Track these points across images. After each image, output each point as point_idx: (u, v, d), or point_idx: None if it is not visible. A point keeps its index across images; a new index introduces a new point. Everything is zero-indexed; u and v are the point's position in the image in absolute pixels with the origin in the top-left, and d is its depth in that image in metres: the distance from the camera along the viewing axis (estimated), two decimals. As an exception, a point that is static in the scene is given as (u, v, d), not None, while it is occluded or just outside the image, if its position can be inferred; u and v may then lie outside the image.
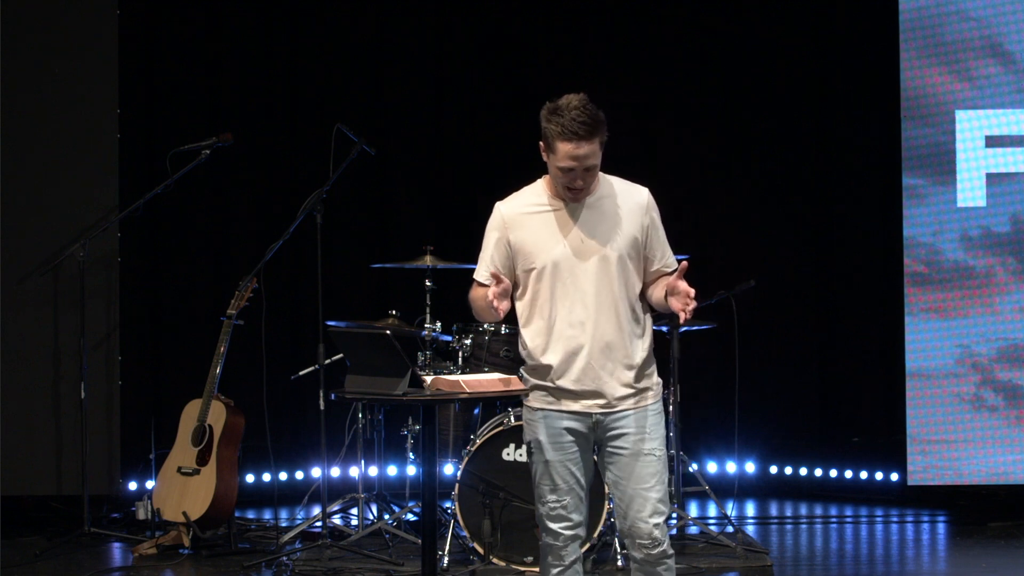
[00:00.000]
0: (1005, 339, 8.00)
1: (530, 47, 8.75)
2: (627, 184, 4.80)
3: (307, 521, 7.48)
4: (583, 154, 4.59)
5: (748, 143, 8.75)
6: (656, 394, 4.78)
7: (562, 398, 4.73)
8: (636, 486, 4.69)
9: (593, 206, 4.72)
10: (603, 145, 4.63)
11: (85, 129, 8.20)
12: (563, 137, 4.57)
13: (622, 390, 4.70)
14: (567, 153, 4.59)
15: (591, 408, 4.71)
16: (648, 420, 4.72)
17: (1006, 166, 8.02)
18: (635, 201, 4.74)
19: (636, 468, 4.69)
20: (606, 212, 4.71)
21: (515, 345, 7.11)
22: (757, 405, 8.20)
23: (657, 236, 4.76)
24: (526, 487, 6.57)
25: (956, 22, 8.03)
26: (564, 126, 4.56)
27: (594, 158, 4.61)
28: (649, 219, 4.75)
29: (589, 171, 4.63)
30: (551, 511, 4.77)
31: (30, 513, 8.10)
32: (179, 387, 8.04)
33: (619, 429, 4.71)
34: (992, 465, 8.00)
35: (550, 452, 4.75)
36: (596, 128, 4.58)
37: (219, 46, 8.68)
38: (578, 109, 4.57)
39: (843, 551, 7.62)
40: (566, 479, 4.74)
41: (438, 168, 8.79)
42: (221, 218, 8.68)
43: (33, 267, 8.01)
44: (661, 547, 4.69)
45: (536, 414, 4.79)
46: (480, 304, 4.80)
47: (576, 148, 4.58)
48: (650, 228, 4.74)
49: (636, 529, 4.70)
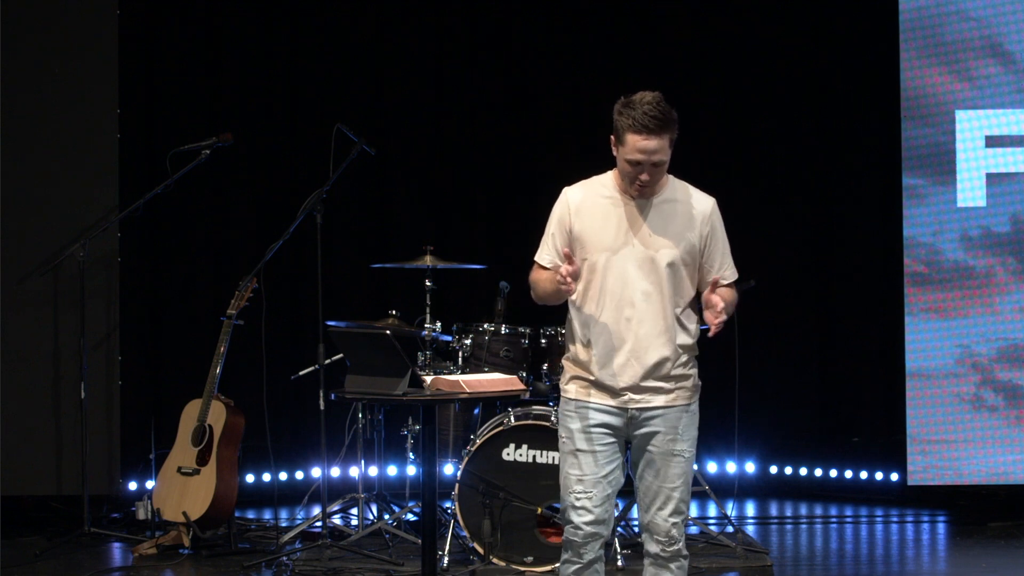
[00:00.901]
0: (1005, 339, 8.00)
1: (530, 47, 8.75)
2: (695, 191, 4.84)
3: (307, 521, 7.48)
4: (652, 148, 4.62)
5: (748, 143, 8.75)
6: (691, 396, 4.84)
7: (599, 391, 4.78)
8: (661, 484, 4.77)
9: (658, 207, 4.76)
10: (672, 144, 4.67)
11: (85, 129, 8.20)
12: (633, 129, 4.61)
13: (658, 389, 4.76)
14: (636, 146, 4.62)
15: (627, 404, 4.76)
16: (680, 420, 4.80)
17: (1006, 166, 8.02)
18: (700, 208, 4.79)
19: (663, 467, 4.77)
20: (670, 215, 4.76)
21: (515, 345, 7.14)
22: (757, 405, 8.20)
23: (716, 246, 4.82)
24: (526, 487, 6.60)
25: (956, 22, 8.03)
26: (635, 119, 4.60)
27: (662, 154, 4.64)
28: (710, 228, 4.80)
29: (656, 167, 4.66)
30: (575, 501, 4.80)
31: (30, 513, 8.10)
32: (179, 387, 8.03)
33: (651, 427, 4.77)
34: (992, 465, 8.00)
35: (581, 442, 4.80)
36: (666, 124, 4.62)
37: (219, 46, 8.68)
38: (651, 104, 4.61)
39: (843, 551, 7.62)
40: (594, 472, 4.78)
41: (438, 168, 8.78)
42: (221, 218, 8.68)
43: (33, 267, 8.01)
44: (676, 546, 4.78)
45: (571, 404, 4.84)
46: (546, 286, 4.81)
47: (645, 141, 4.61)
48: (710, 237, 4.80)
49: (655, 525, 4.79)
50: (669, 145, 4.66)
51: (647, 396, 4.76)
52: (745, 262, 8.66)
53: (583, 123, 8.47)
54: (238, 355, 7.70)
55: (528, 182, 8.61)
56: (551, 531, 6.58)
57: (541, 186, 8.63)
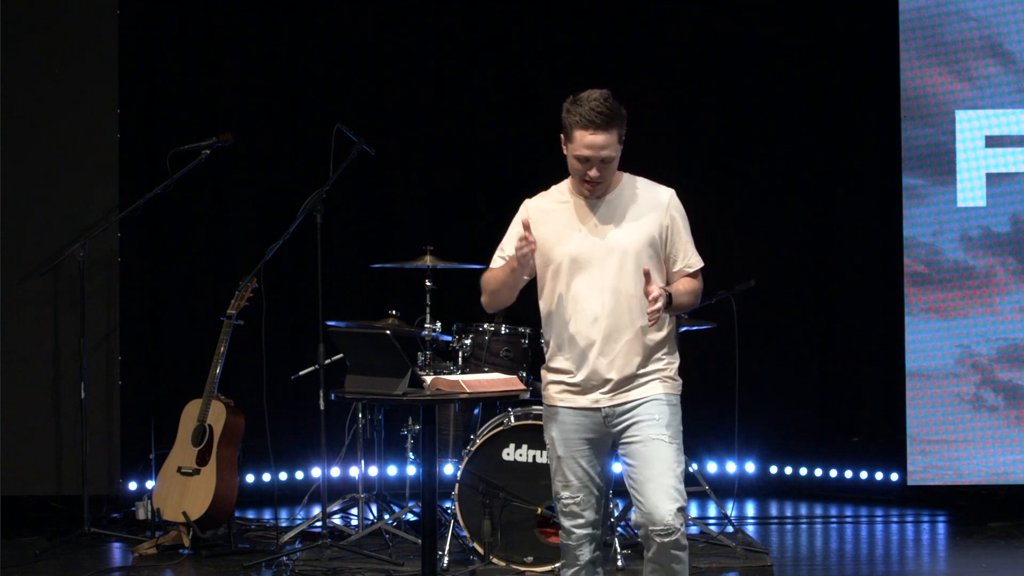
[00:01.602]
0: (1005, 339, 8.00)
1: (530, 47, 8.75)
2: (650, 184, 4.84)
3: (307, 521, 7.48)
4: (599, 143, 4.63)
5: (748, 143, 8.75)
6: (667, 386, 4.76)
7: (573, 395, 4.77)
8: (648, 471, 4.67)
9: (611, 202, 4.75)
10: (621, 140, 4.68)
11: (85, 129, 8.20)
12: (580, 126, 4.63)
13: (630, 382, 4.72)
14: (583, 142, 4.64)
15: (600, 402, 4.73)
16: (655, 408, 4.72)
17: (1006, 166, 8.02)
18: (656, 200, 4.78)
19: (645, 454, 4.68)
20: (624, 208, 4.74)
21: (515, 345, 7.14)
22: (757, 405, 8.20)
23: (679, 237, 4.78)
24: (526, 487, 6.60)
25: (956, 22, 8.03)
26: (582, 115, 4.63)
27: (610, 149, 4.65)
28: (669, 219, 4.76)
29: (605, 163, 4.67)
30: (564, 507, 4.81)
31: (30, 513, 8.10)
32: (179, 387, 8.03)
33: (626, 420, 4.73)
34: (992, 465, 8.00)
35: (561, 448, 4.79)
36: (613, 120, 4.63)
37: (219, 46, 8.68)
38: (597, 100, 4.63)
39: (843, 551, 7.62)
40: (578, 475, 4.77)
41: (438, 168, 8.79)
42: (221, 218, 8.68)
43: (33, 267, 8.01)
44: (675, 536, 4.62)
45: (549, 411, 4.84)
46: (497, 274, 4.81)
47: (593, 136, 4.63)
48: (671, 228, 4.77)
49: (649, 516, 4.64)
50: (618, 141, 4.67)
51: (620, 392, 4.73)
52: (745, 262, 8.72)
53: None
54: (238, 355, 7.70)
55: (528, 182, 8.55)
56: (551, 531, 6.58)
57: (541, 186, 8.66)
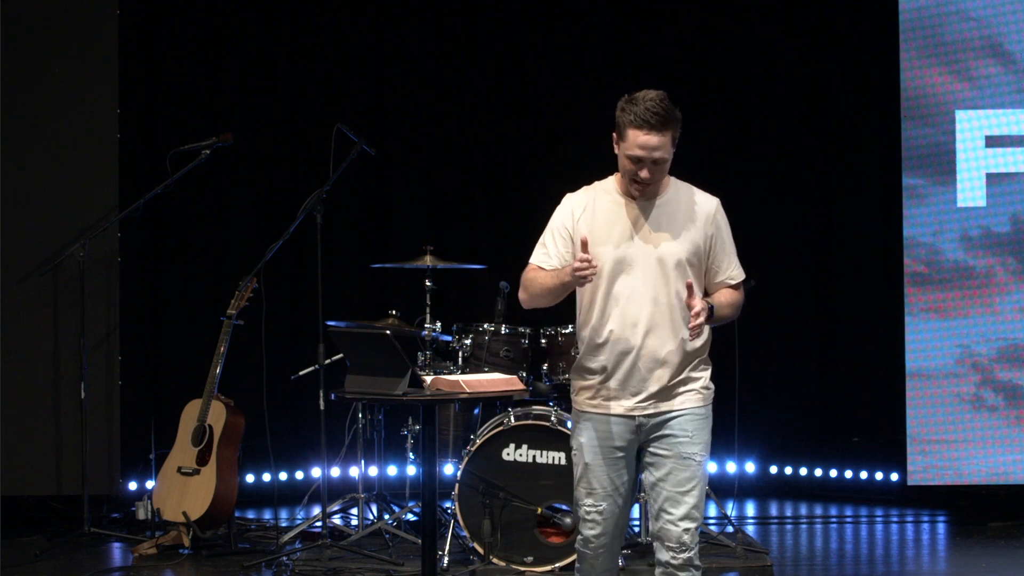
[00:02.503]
0: (1005, 339, 8.00)
1: (530, 47, 8.75)
2: (698, 192, 4.77)
3: (307, 521, 7.48)
4: (653, 144, 4.56)
5: (748, 143, 8.74)
6: (703, 399, 4.72)
7: (608, 400, 4.70)
8: (673, 489, 4.66)
9: (660, 207, 4.69)
10: (675, 143, 4.61)
11: (85, 129, 8.20)
12: (635, 125, 4.56)
13: (667, 394, 4.67)
14: (637, 141, 4.56)
15: (634, 411, 4.67)
16: (691, 424, 4.68)
17: (1006, 166, 8.02)
18: (703, 208, 4.71)
19: (674, 470, 4.66)
20: (672, 214, 4.68)
21: (515, 345, 7.14)
22: (757, 405, 8.19)
23: (722, 247, 4.73)
24: (526, 487, 6.60)
25: (956, 22, 8.03)
26: (637, 114, 4.55)
27: (663, 151, 4.58)
28: (715, 228, 4.71)
29: (657, 164, 4.60)
30: (586, 515, 4.75)
31: (30, 513, 8.10)
32: (179, 387, 8.03)
33: (661, 431, 4.68)
34: (992, 465, 8.00)
35: (590, 455, 4.72)
36: (668, 121, 4.57)
37: (219, 46, 8.68)
38: (653, 100, 4.56)
39: (843, 551, 7.62)
40: (604, 484, 4.72)
41: (438, 168, 8.78)
42: (221, 218, 8.68)
43: (33, 267, 8.01)
44: (688, 554, 4.64)
45: (579, 416, 4.77)
46: (546, 281, 4.68)
47: (647, 137, 4.55)
48: (715, 238, 4.71)
49: (666, 532, 4.65)
50: (671, 144, 4.60)
51: (656, 402, 4.66)
52: (745, 262, 8.66)
53: (583, 123, 8.46)
54: (238, 355, 7.70)
55: (528, 182, 8.61)
56: (551, 531, 6.58)
57: (541, 186, 8.64)
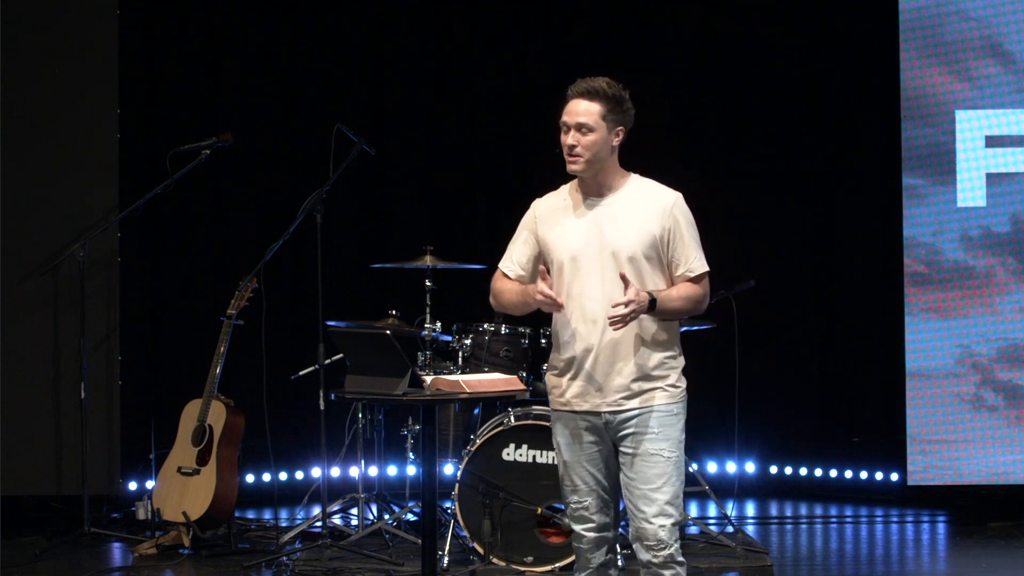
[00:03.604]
0: (1005, 339, 8.00)
1: (530, 47, 8.75)
2: (656, 186, 4.80)
3: (307, 521, 7.48)
4: (576, 110, 4.70)
5: (748, 143, 8.74)
6: (669, 395, 4.71)
7: (575, 398, 4.73)
8: (642, 487, 4.66)
9: (614, 203, 4.73)
10: (606, 120, 4.69)
11: (85, 129, 8.20)
12: (567, 97, 4.74)
13: (628, 390, 4.67)
14: (565, 108, 4.73)
15: (599, 407, 4.70)
16: (656, 420, 4.67)
17: (1006, 166, 8.02)
18: (660, 202, 4.73)
19: (643, 468, 4.66)
20: (626, 210, 4.71)
21: (515, 345, 7.14)
22: (757, 405, 8.20)
23: (681, 240, 4.72)
24: (526, 487, 6.60)
25: (956, 22, 8.03)
26: (570, 87, 4.75)
27: (587, 118, 4.68)
28: (672, 221, 4.71)
29: (581, 132, 4.68)
30: (573, 512, 4.78)
31: (30, 513, 8.10)
32: (179, 387, 8.03)
33: (626, 429, 4.69)
34: (992, 465, 8.00)
35: (566, 452, 4.76)
36: (597, 93, 4.71)
37: (219, 46, 8.68)
38: (590, 77, 4.75)
39: (843, 551, 7.62)
40: (585, 480, 4.74)
41: (438, 168, 8.79)
42: (221, 218, 8.68)
43: (33, 267, 8.01)
44: (667, 551, 4.65)
45: (554, 414, 4.81)
46: (511, 298, 4.81)
47: (571, 103, 4.72)
48: (673, 231, 4.70)
49: (642, 531, 4.67)
50: (601, 118, 4.69)
51: (620, 397, 4.67)
52: (745, 262, 8.71)
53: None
54: (238, 355, 7.69)
55: (528, 182, 8.58)
56: (551, 531, 6.58)
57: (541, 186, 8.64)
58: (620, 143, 4.75)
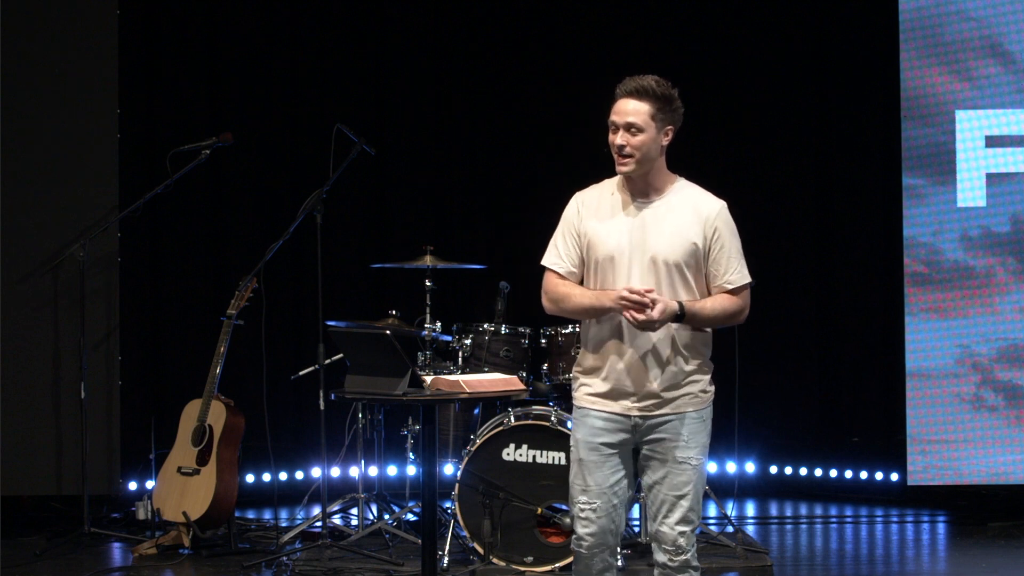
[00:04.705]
0: (1005, 339, 8.00)
1: (530, 47, 8.75)
2: (702, 193, 4.77)
3: (307, 521, 7.48)
4: (626, 109, 4.65)
5: (748, 143, 8.74)
6: (701, 401, 4.72)
7: (604, 399, 4.71)
8: (668, 493, 4.68)
9: (659, 207, 4.69)
10: (657, 120, 4.66)
11: (85, 129, 8.19)
12: (616, 96, 4.71)
13: (661, 395, 4.66)
14: (614, 108, 4.69)
15: (630, 411, 4.68)
16: (686, 427, 4.69)
17: (1006, 166, 8.02)
18: (704, 210, 4.70)
19: (670, 474, 4.68)
20: (670, 215, 4.68)
21: (515, 345, 7.14)
22: (757, 405, 8.19)
23: (722, 251, 4.71)
24: (526, 487, 6.60)
25: (956, 22, 8.03)
26: (620, 86, 4.72)
27: (636, 117, 4.64)
28: (714, 231, 4.69)
29: (630, 132, 4.64)
30: (580, 512, 4.74)
31: (30, 513, 8.10)
32: (179, 387, 8.04)
33: (657, 434, 4.68)
34: (992, 465, 8.00)
35: (584, 451, 4.72)
36: (645, 92, 4.67)
37: (219, 46, 8.68)
38: (641, 75, 4.71)
39: (843, 551, 7.62)
40: (598, 482, 4.71)
41: (438, 168, 8.78)
42: (221, 218, 8.68)
43: (33, 267, 8.01)
44: (685, 556, 4.67)
45: (578, 412, 4.78)
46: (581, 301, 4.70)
47: (621, 102, 4.68)
48: (714, 241, 4.69)
49: (662, 534, 4.69)
50: (651, 119, 4.65)
51: (652, 403, 4.66)
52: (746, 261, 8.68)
53: (583, 123, 8.42)
54: (238, 355, 7.70)
55: (528, 182, 8.61)
56: (551, 531, 6.58)
57: (541, 186, 8.68)
58: (669, 143, 4.71)
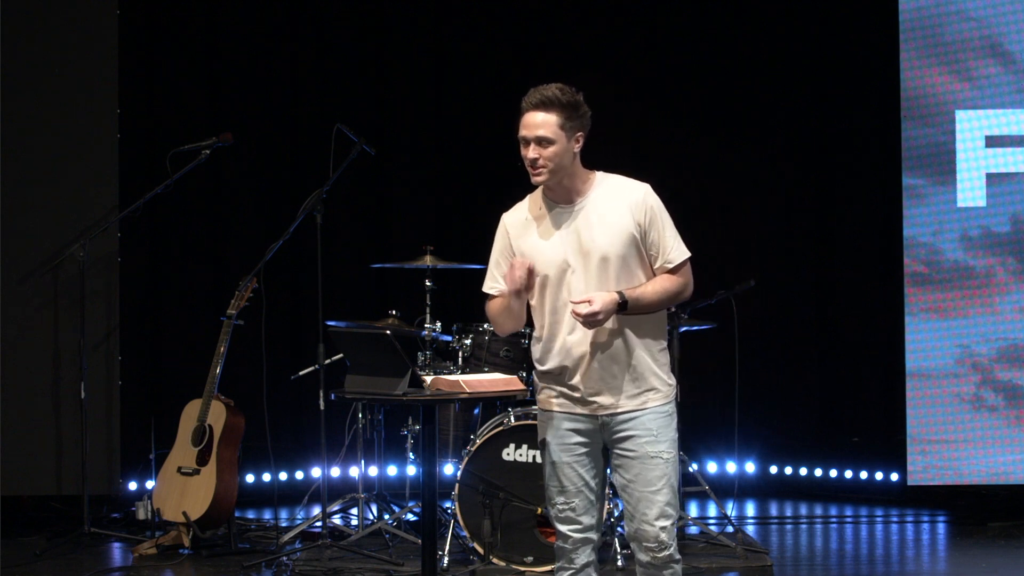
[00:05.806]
0: (1005, 339, 8.00)
1: (530, 46, 8.75)
2: (624, 181, 4.75)
3: (307, 521, 7.48)
4: (534, 122, 4.65)
5: (748, 143, 8.74)
6: (665, 395, 4.72)
7: (568, 400, 4.72)
8: (643, 489, 4.67)
9: (586, 207, 4.69)
10: (565, 128, 4.64)
11: (85, 129, 8.20)
12: (522, 109, 4.70)
13: (626, 392, 4.67)
14: (521, 122, 4.69)
15: (596, 411, 4.69)
16: (655, 422, 4.68)
17: (1006, 166, 8.02)
18: (631, 198, 4.69)
19: (643, 471, 4.67)
20: (598, 212, 4.68)
21: (515, 345, 7.14)
22: (757, 405, 8.20)
23: (657, 231, 4.68)
24: (526, 487, 6.60)
25: (956, 22, 8.03)
26: (524, 99, 4.70)
27: (545, 130, 4.64)
28: (645, 214, 4.67)
29: (542, 145, 4.65)
30: (559, 513, 4.77)
31: (30, 513, 8.10)
32: (179, 387, 8.03)
33: (625, 431, 4.68)
34: (992, 465, 8.00)
35: (556, 453, 4.74)
36: (552, 103, 4.64)
37: (219, 46, 8.68)
38: (543, 85, 4.67)
39: (843, 551, 7.62)
40: (573, 481, 4.73)
41: (438, 168, 8.79)
42: (221, 218, 8.68)
43: (33, 267, 8.01)
44: (667, 551, 4.67)
45: (545, 415, 4.79)
46: (499, 307, 4.78)
47: (528, 115, 4.67)
48: (648, 224, 4.67)
49: (642, 532, 4.68)
50: (559, 127, 4.63)
51: (614, 401, 4.67)
52: (746, 262, 8.71)
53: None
54: (238, 355, 7.70)
55: (528, 182, 8.59)
56: (551, 531, 6.57)
57: (541, 186, 8.65)
58: (581, 147, 4.69)
